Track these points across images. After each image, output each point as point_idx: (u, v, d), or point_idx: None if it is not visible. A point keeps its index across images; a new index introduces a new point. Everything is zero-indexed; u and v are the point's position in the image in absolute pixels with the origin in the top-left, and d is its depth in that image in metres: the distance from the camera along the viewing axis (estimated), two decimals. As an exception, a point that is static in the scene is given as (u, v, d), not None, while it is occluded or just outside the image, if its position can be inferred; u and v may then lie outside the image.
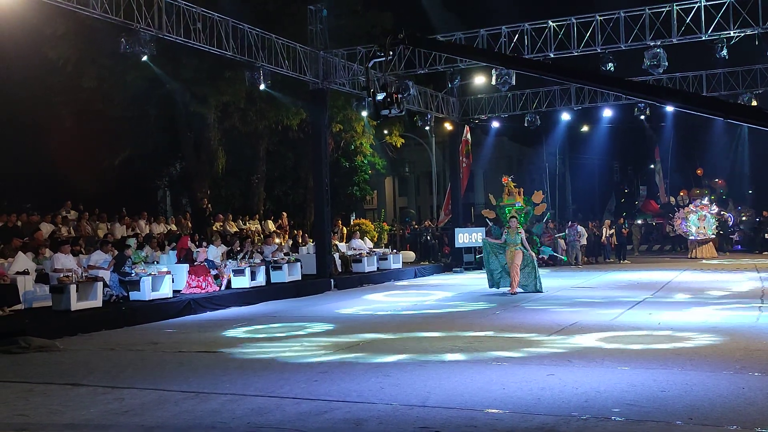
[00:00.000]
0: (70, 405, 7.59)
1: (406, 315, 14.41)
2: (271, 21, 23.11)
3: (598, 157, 51.37)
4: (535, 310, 14.42)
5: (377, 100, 9.29)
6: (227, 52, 18.14)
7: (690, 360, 8.80)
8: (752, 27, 17.94)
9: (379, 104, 9.29)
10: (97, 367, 9.73)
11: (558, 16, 19.71)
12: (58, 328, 12.75)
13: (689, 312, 13.22)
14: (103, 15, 14.89)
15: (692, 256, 29.97)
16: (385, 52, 9.71)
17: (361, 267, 23.33)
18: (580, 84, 20.50)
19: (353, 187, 35.39)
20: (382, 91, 9.31)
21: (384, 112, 9.37)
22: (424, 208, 53.09)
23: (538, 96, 27.30)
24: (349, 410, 6.98)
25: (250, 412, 7.02)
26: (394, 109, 9.35)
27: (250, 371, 9.01)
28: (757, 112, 8.03)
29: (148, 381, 8.60)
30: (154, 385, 8.32)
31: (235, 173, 31.09)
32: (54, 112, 24.97)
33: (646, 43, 18.83)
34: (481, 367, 8.80)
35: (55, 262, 14.93)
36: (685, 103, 8.60)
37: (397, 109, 9.36)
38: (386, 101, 9.27)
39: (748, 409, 6.59)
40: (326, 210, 21.49)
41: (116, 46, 16.00)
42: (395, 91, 9.43)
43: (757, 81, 24.32)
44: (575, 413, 6.61)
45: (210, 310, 15.87)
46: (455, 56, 19.60)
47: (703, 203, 31.51)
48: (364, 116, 26.92)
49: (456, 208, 29.83)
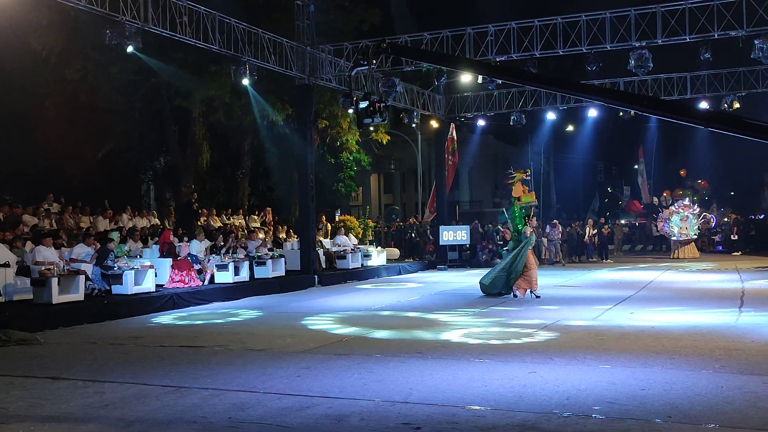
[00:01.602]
0: (50, 398, 7.55)
1: (390, 312, 14.43)
2: (258, 15, 23.02)
3: (582, 156, 51.61)
4: (518, 308, 14.48)
5: (359, 108, 9.33)
6: (213, 46, 18.04)
7: (670, 359, 8.88)
8: (736, 29, 18.09)
9: (362, 112, 9.34)
10: (77, 361, 9.68)
11: (544, 15, 19.77)
12: (39, 321, 12.65)
13: (670, 311, 13.33)
14: (88, 6, 14.75)
15: (674, 257, 30.21)
16: (368, 61, 9.76)
17: (345, 263, 23.32)
18: (563, 93, 20.51)
19: (338, 183, 35.34)
20: (365, 99, 9.35)
21: (367, 120, 9.43)
22: (409, 206, 53.10)
23: (524, 95, 27.39)
24: (331, 406, 6.99)
25: (232, 407, 7.00)
26: (377, 118, 9.40)
27: (232, 366, 9.00)
28: (738, 120, 8.08)
29: (129, 375, 8.56)
30: (135, 379, 8.29)
31: (219, 168, 30.96)
32: (38, 103, 24.73)
33: (632, 44, 18.93)
34: (464, 364, 8.83)
35: (36, 255, 14.80)
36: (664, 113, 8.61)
37: (379, 117, 9.42)
38: (369, 110, 9.31)
39: (726, 407, 6.66)
40: (311, 206, 21.45)
41: (101, 38, 15.87)
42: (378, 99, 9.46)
43: (740, 83, 24.53)
44: (556, 410, 6.65)
45: (193, 304, 15.82)
46: (438, 65, 19.41)
47: (686, 204, 31.75)
48: (350, 113, 26.88)
49: (441, 206, 29.87)
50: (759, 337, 10.28)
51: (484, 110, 28.57)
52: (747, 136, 7.52)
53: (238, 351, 10.14)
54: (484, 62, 18.94)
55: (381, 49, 9.75)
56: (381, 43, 9.77)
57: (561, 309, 13.96)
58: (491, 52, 19.93)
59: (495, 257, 28.49)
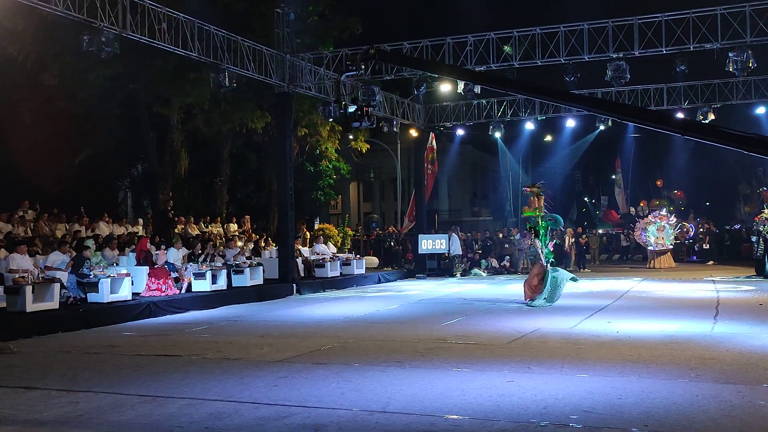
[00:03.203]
0: (23, 408, 7.44)
1: (368, 320, 14.41)
2: (238, 23, 22.98)
3: (560, 166, 51.96)
4: (496, 317, 14.51)
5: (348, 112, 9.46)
6: (192, 53, 17.97)
7: (647, 368, 8.94)
8: (711, 42, 18.36)
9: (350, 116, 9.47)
10: (52, 370, 9.55)
11: (523, 26, 19.93)
12: (13, 329, 12.48)
13: (647, 321, 13.43)
14: (65, 12, 14.65)
15: (651, 266, 30.46)
16: (356, 66, 9.92)
17: (324, 272, 23.26)
18: (543, 100, 20.70)
19: (318, 191, 35.32)
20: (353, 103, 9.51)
21: (355, 124, 9.61)
22: (388, 214, 53.14)
23: (503, 105, 27.57)
24: (309, 415, 6.95)
25: (208, 417, 6.95)
26: (365, 122, 9.55)
27: (210, 375, 8.92)
28: (713, 130, 8.25)
29: (105, 384, 8.47)
30: (110, 389, 8.20)
31: (198, 175, 30.80)
32: (13, 108, 24.46)
33: (609, 55, 19.14)
34: (442, 373, 8.83)
35: (10, 263, 14.62)
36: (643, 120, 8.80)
37: (367, 121, 9.58)
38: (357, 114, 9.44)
39: (701, 416, 6.72)
40: (290, 214, 21.39)
41: (79, 44, 15.75)
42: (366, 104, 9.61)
43: (715, 95, 24.89)
44: (534, 419, 6.67)
45: (170, 313, 15.71)
46: (423, 71, 19.75)
47: (662, 214, 32.06)
48: (332, 120, 26.87)
49: (420, 215, 29.93)
50: (733, 346, 10.38)
51: (463, 120, 28.71)
52: (722, 145, 7.65)
53: (215, 360, 10.07)
54: (469, 69, 19.08)
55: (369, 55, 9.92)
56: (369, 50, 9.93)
57: (539, 318, 14.02)
58: (470, 62, 20.06)
59: (474, 266, 28.64)
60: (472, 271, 28.20)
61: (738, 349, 10.17)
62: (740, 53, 18.26)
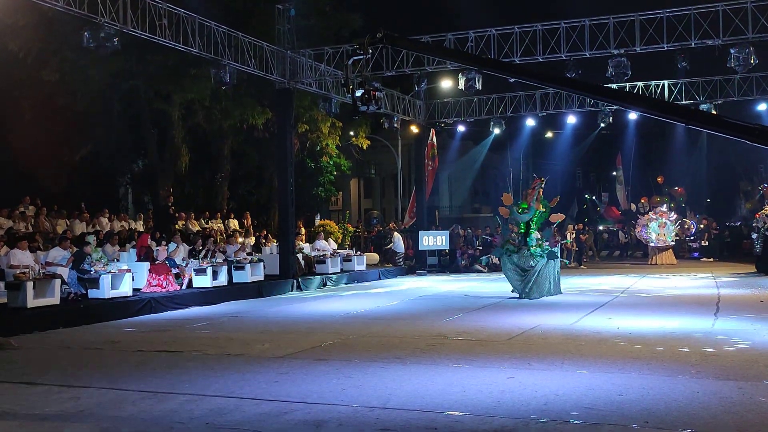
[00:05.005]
0: (24, 404, 7.44)
1: (369, 316, 14.41)
2: (238, 19, 22.96)
3: (561, 163, 51.95)
4: (496, 313, 14.52)
5: (356, 95, 9.44)
6: (193, 49, 17.95)
7: (647, 364, 8.94)
8: (713, 38, 18.34)
9: (358, 100, 9.46)
10: (53, 366, 9.56)
11: (524, 22, 19.90)
12: (14, 325, 12.50)
13: (647, 317, 13.42)
14: (65, 8, 14.62)
15: (652, 263, 30.46)
16: (364, 50, 9.86)
17: (325, 268, 23.26)
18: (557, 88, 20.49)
19: (318, 187, 35.29)
20: (361, 86, 9.47)
21: (363, 108, 9.57)
22: (389, 210, 53.09)
23: (504, 101, 27.52)
24: (309, 411, 6.95)
25: (209, 413, 6.95)
26: (372, 106, 9.54)
27: (210, 371, 8.93)
28: (716, 119, 8.25)
29: (106, 380, 8.47)
30: (111, 385, 8.20)
31: (198, 172, 30.78)
32: (14, 104, 24.45)
33: (610, 51, 19.10)
34: (442, 370, 8.83)
35: (11, 258, 14.62)
36: (649, 108, 8.82)
37: (375, 105, 9.56)
38: (364, 97, 9.42)
39: (702, 413, 6.72)
40: (291, 210, 21.38)
41: (79, 40, 15.73)
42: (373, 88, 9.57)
43: (717, 91, 24.86)
44: (534, 416, 6.67)
45: (170, 309, 15.71)
46: (432, 56, 19.62)
47: (663, 210, 32.04)
48: (331, 116, 26.85)
49: (421, 211, 29.91)
50: (734, 343, 10.38)
51: (464, 116, 28.67)
52: (725, 135, 7.64)
53: (215, 356, 10.07)
54: (477, 55, 18.96)
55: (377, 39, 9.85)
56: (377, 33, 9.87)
57: (539, 314, 14.02)
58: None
59: (474, 263, 28.62)
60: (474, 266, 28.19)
61: (739, 346, 10.17)
62: (742, 49, 18.24)
